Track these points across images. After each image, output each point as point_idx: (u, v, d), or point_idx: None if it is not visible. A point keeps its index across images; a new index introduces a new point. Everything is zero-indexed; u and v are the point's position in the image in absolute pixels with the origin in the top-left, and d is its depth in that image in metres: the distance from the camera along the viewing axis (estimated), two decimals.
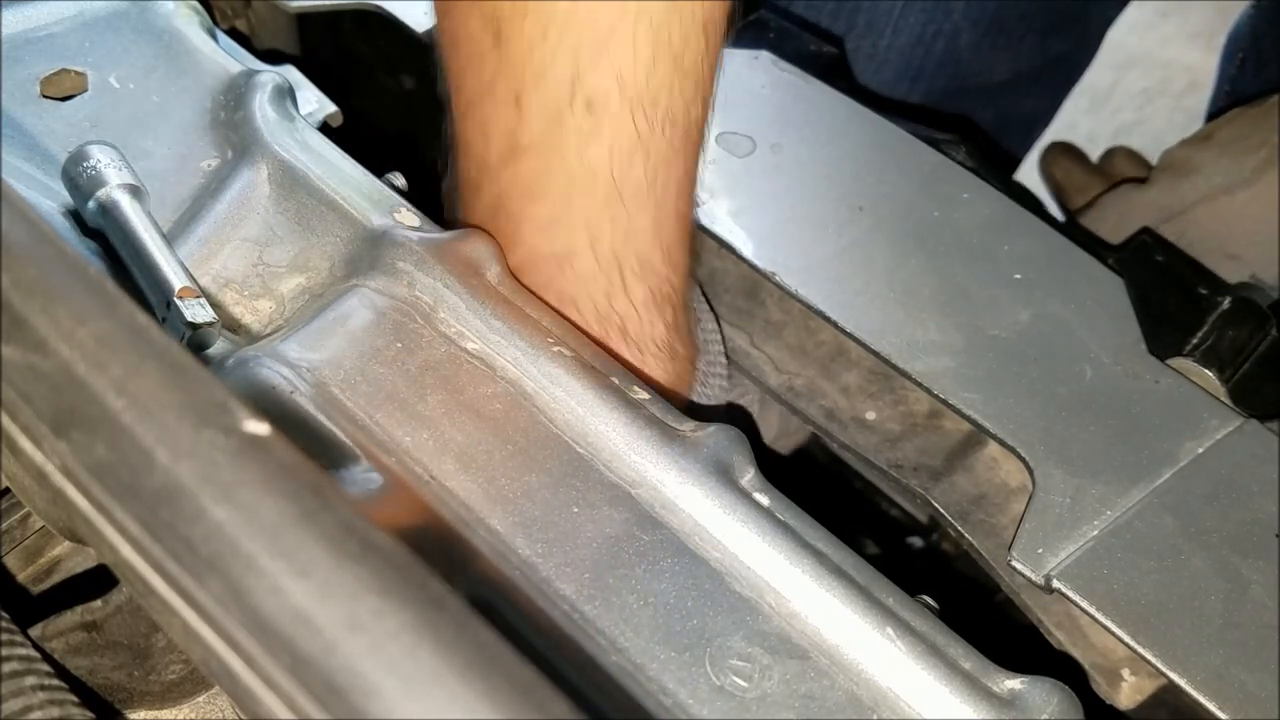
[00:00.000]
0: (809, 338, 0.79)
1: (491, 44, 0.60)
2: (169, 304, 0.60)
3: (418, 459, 0.59)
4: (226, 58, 0.76)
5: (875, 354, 0.71)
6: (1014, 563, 0.63)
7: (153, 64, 0.75)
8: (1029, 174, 2.31)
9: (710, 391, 0.73)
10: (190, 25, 0.78)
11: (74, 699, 0.55)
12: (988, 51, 1.15)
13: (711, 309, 0.79)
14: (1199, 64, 2.61)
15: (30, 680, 0.54)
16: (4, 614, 0.59)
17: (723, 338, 0.77)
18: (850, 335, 0.71)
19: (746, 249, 0.75)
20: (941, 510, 0.72)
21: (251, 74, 0.73)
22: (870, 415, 0.76)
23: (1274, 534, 0.64)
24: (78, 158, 0.65)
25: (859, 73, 1.10)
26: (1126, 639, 0.60)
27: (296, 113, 0.74)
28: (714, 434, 0.61)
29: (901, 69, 1.12)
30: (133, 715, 0.59)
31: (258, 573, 0.36)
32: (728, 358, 0.79)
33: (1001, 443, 0.67)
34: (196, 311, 0.60)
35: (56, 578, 0.65)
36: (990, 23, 1.13)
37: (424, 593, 0.36)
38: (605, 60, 0.59)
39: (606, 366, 0.64)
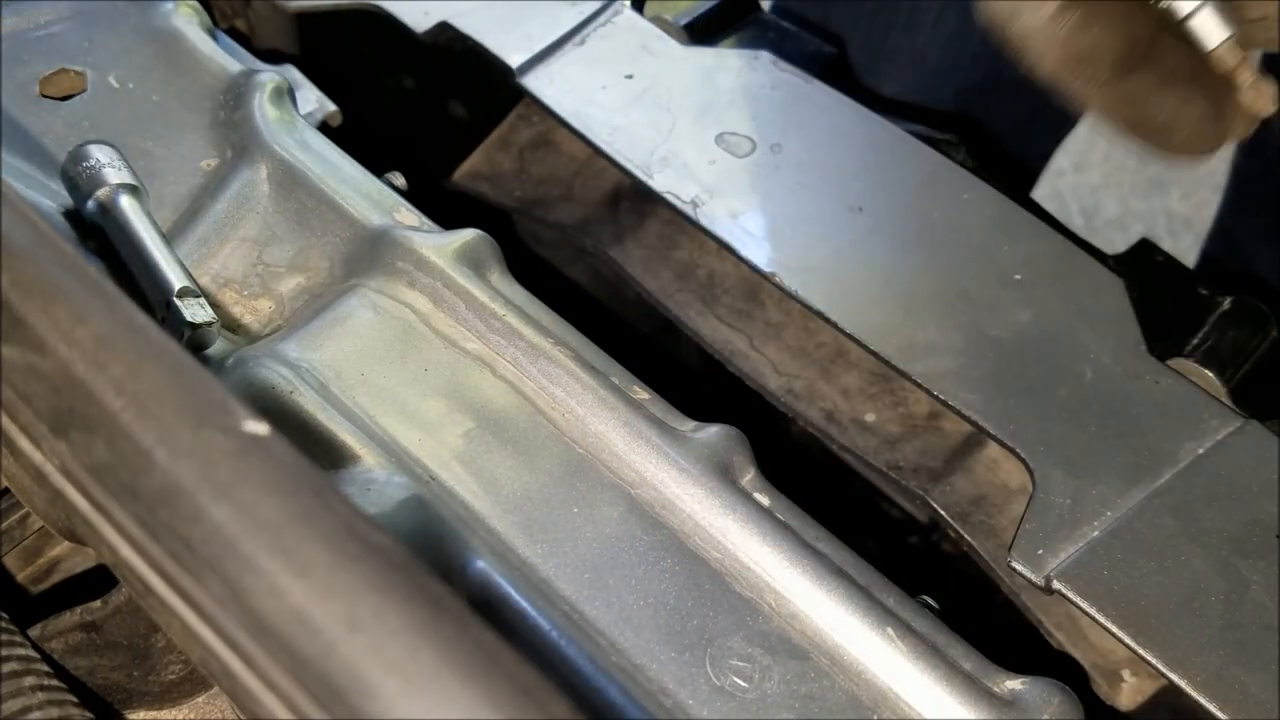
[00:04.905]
0: (809, 339, 0.79)
1: None
2: (169, 304, 0.60)
3: (417, 459, 0.59)
4: (226, 57, 0.76)
5: (875, 355, 0.71)
6: (1014, 564, 0.63)
7: (152, 64, 0.75)
8: (1047, 186, 2.31)
9: None
10: (190, 25, 0.78)
11: (73, 699, 0.55)
12: None
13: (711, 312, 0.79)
14: None
15: (30, 680, 0.54)
16: (4, 614, 0.59)
17: None
18: (850, 336, 0.71)
19: (746, 249, 0.75)
20: (941, 511, 0.72)
21: (251, 74, 0.73)
22: (870, 417, 0.76)
23: (1274, 534, 0.64)
24: (77, 157, 0.65)
25: (897, 73, 1.09)
26: (1127, 640, 0.59)
27: (296, 112, 0.74)
28: (714, 434, 0.61)
29: (939, 64, 1.12)
30: (132, 715, 0.59)
31: (257, 573, 0.35)
32: (723, 363, 0.79)
33: (1001, 443, 0.67)
34: (196, 311, 0.60)
35: (56, 578, 0.65)
36: None
37: (424, 593, 0.36)
38: None
39: (606, 366, 0.64)
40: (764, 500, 0.61)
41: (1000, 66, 1.14)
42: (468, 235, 0.67)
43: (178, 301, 0.60)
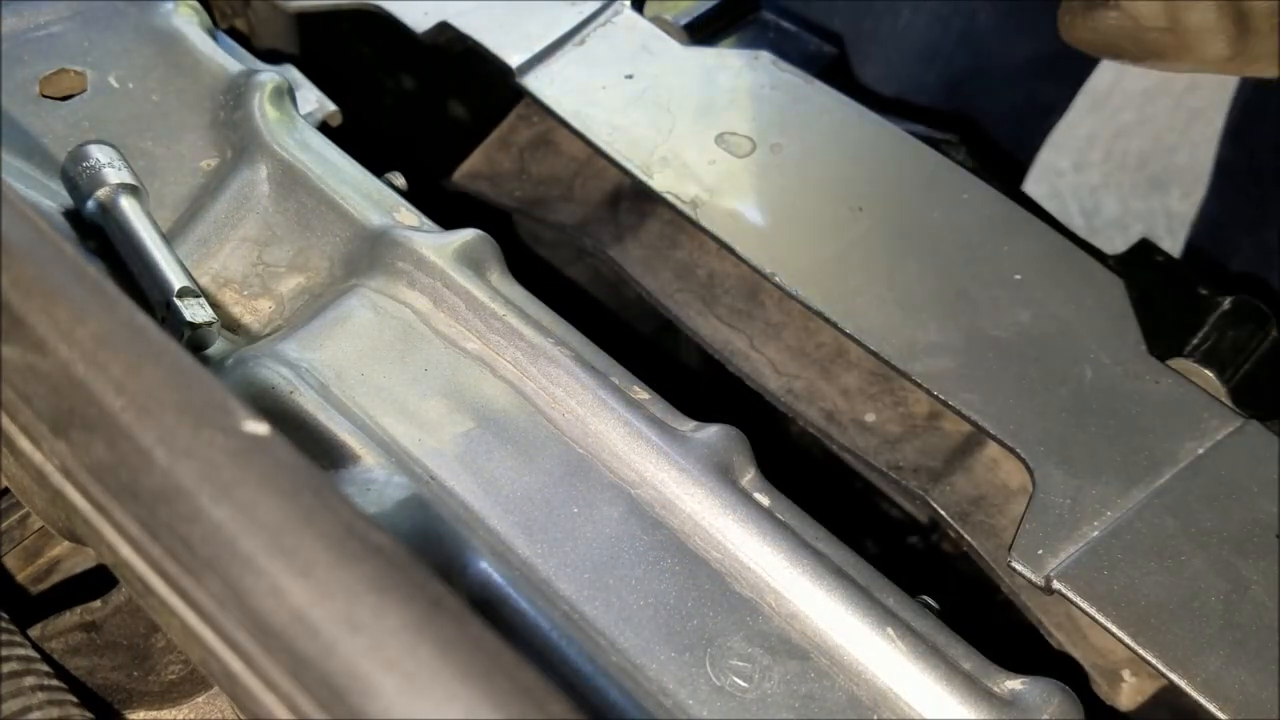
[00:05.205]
0: (809, 339, 0.79)
1: None
2: (169, 304, 0.60)
3: (418, 459, 0.59)
4: (226, 57, 0.76)
5: (875, 355, 0.71)
6: (1014, 564, 0.63)
7: (152, 64, 0.75)
8: (1047, 186, 2.30)
9: None
10: (190, 25, 0.78)
11: (73, 699, 0.55)
12: (1006, 32, 1.15)
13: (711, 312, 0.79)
14: None
15: (30, 680, 0.54)
16: (4, 614, 0.59)
17: None
18: (850, 336, 0.71)
19: (746, 249, 0.75)
20: (941, 511, 0.72)
21: (251, 73, 0.73)
22: (870, 417, 0.76)
23: (1274, 534, 0.64)
24: (77, 157, 0.65)
25: (879, 54, 1.09)
26: (1127, 640, 0.59)
27: (296, 112, 0.74)
28: (714, 434, 0.61)
29: (921, 47, 1.11)
30: (132, 715, 0.59)
31: (257, 573, 0.35)
32: (723, 363, 0.79)
33: (1001, 443, 0.67)
34: (196, 311, 0.60)
35: (56, 578, 0.65)
36: (1009, 3, 1.12)
37: (424, 593, 0.36)
38: None
39: (606, 366, 0.64)
40: (764, 500, 0.61)
41: (983, 54, 1.14)
42: (468, 235, 0.67)
43: (178, 301, 0.60)
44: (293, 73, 0.80)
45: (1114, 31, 0.67)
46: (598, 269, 0.96)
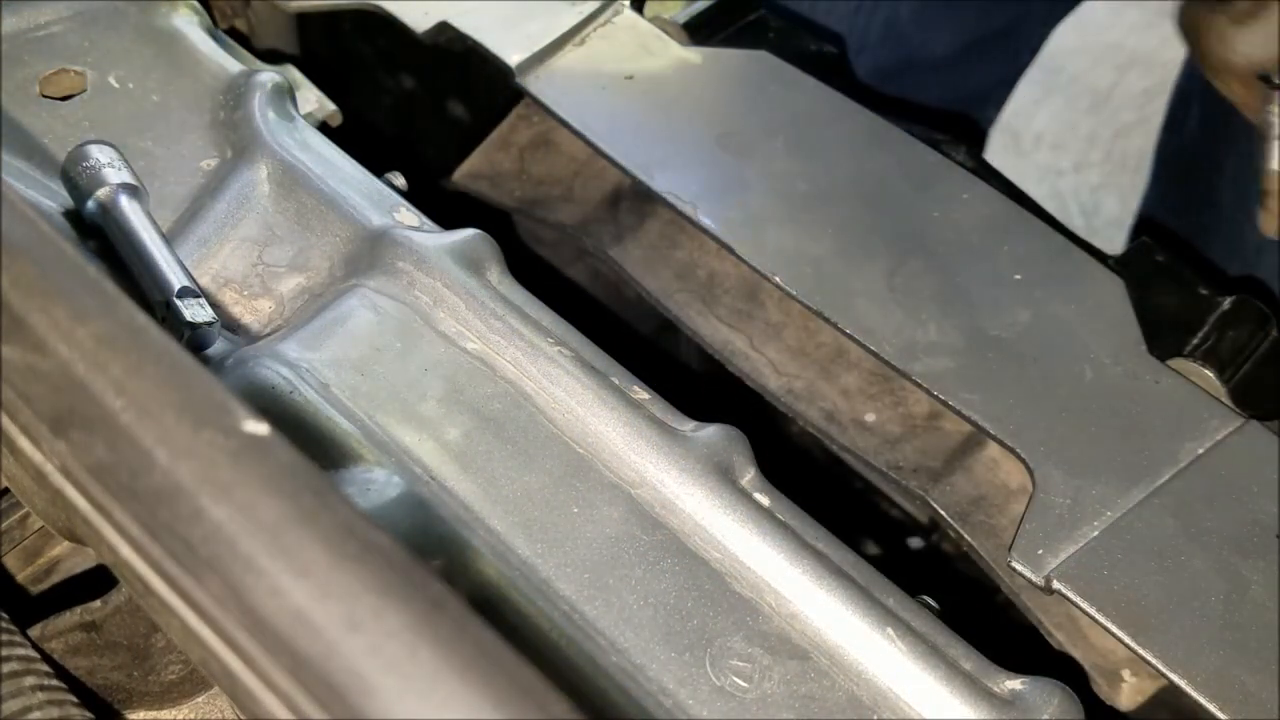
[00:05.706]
0: (809, 339, 0.79)
1: None
2: (169, 304, 0.60)
3: (418, 459, 0.59)
4: (226, 57, 0.76)
5: (875, 355, 0.71)
6: (1014, 564, 0.63)
7: (152, 64, 0.75)
8: (1047, 186, 2.29)
9: None
10: (190, 25, 0.78)
11: (73, 699, 0.55)
12: (930, 22, 1.15)
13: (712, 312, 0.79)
14: None
15: (30, 680, 0.54)
16: (4, 614, 0.59)
17: None
18: (850, 336, 0.71)
19: (746, 249, 0.75)
20: (941, 511, 0.72)
21: (251, 74, 0.73)
22: (870, 417, 0.76)
23: (1274, 534, 0.64)
24: (77, 157, 0.65)
25: (804, 41, 1.08)
26: (1127, 640, 0.59)
27: (296, 112, 0.74)
28: (714, 434, 0.61)
29: (847, 38, 1.11)
30: (132, 715, 0.59)
31: (257, 573, 0.35)
32: (723, 363, 0.79)
33: (1001, 443, 0.67)
34: (196, 311, 0.60)
35: (56, 578, 0.65)
36: None
37: (424, 593, 0.36)
38: None
39: (606, 366, 0.64)
40: (764, 500, 0.61)
41: (909, 46, 1.14)
42: (468, 235, 0.67)
43: (178, 301, 0.60)
44: (293, 73, 0.80)
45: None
46: (598, 269, 0.96)
